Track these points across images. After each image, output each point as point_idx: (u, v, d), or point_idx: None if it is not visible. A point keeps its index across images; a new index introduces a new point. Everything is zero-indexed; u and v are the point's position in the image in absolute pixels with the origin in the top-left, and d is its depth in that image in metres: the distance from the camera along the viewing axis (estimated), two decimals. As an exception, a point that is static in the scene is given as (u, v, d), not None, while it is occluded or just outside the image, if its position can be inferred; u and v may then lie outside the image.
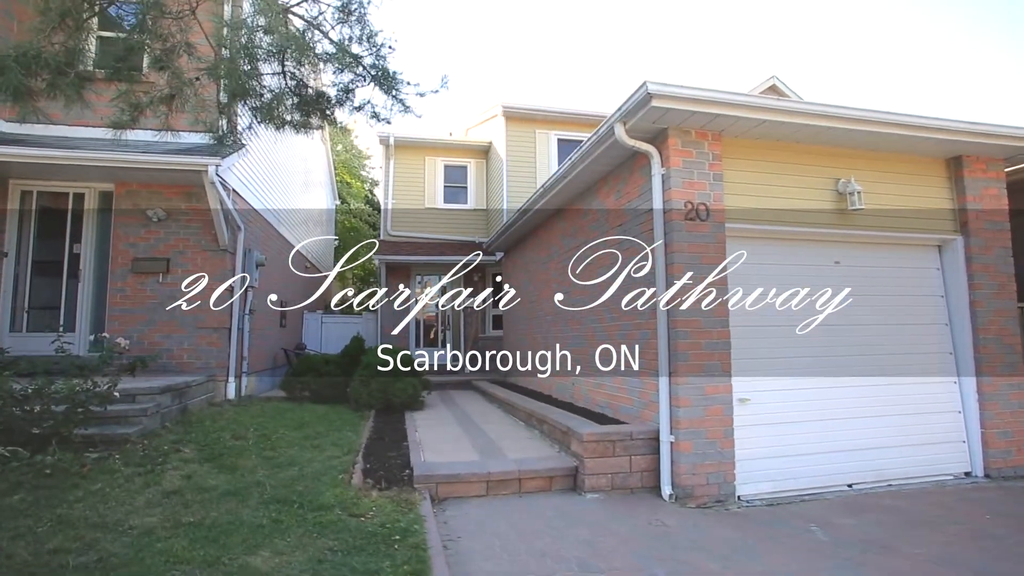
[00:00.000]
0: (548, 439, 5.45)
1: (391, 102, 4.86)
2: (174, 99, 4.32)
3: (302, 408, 7.48)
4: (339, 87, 4.77)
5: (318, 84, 5.22)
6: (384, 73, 4.51)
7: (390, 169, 13.34)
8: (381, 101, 5.05)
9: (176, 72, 4.11)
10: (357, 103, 4.85)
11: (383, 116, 5.05)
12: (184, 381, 5.93)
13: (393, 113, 4.91)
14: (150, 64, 4.12)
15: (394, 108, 4.91)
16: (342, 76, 4.67)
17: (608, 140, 4.82)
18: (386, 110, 4.94)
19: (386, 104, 4.84)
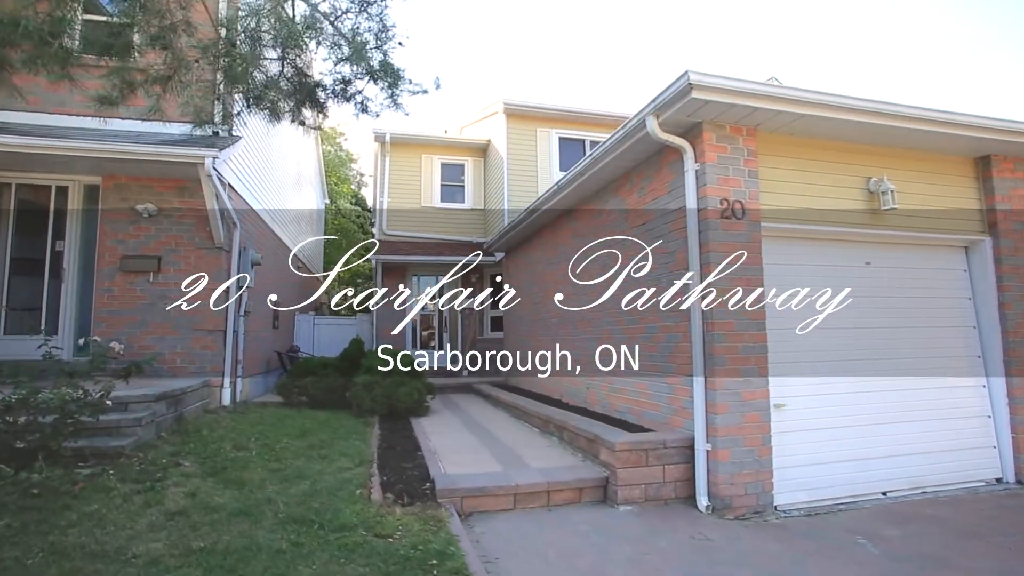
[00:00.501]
0: (569, 447, 5.21)
1: (383, 96, 4.61)
2: (170, 80, 3.96)
3: (302, 414, 7.13)
4: (337, 78, 4.48)
5: (314, 74, 4.94)
6: (389, 69, 4.23)
7: (385, 167, 12.98)
8: (372, 94, 4.82)
9: (176, 52, 3.76)
10: (348, 94, 4.57)
11: (373, 111, 4.82)
12: (179, 387, 5.55)
13: (382, 108, 4.67)
14: (147, 43, 3.76)
15: (385, 104, 4.66)
16: (342, 68, 4.39)
17: (638, 134, 4.60)
18: (376, 105, 4.71)
19: (377, 98, 4.60)
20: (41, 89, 6.49)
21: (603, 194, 6.22)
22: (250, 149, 8.04)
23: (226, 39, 4.33)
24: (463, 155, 13.49)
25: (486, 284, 13.04)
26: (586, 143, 11.90)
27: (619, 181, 5.81)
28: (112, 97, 3.90)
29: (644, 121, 4.40)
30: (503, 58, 52.08)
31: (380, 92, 4.40)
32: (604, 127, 11.94)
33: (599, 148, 5.26)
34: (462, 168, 13.62)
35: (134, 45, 3.75)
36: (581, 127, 11.81)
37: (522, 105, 11.30)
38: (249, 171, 8.14)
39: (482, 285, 13.07)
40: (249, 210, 8.09)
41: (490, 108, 12.33)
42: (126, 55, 3.81)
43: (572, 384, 7.06)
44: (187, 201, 6.71)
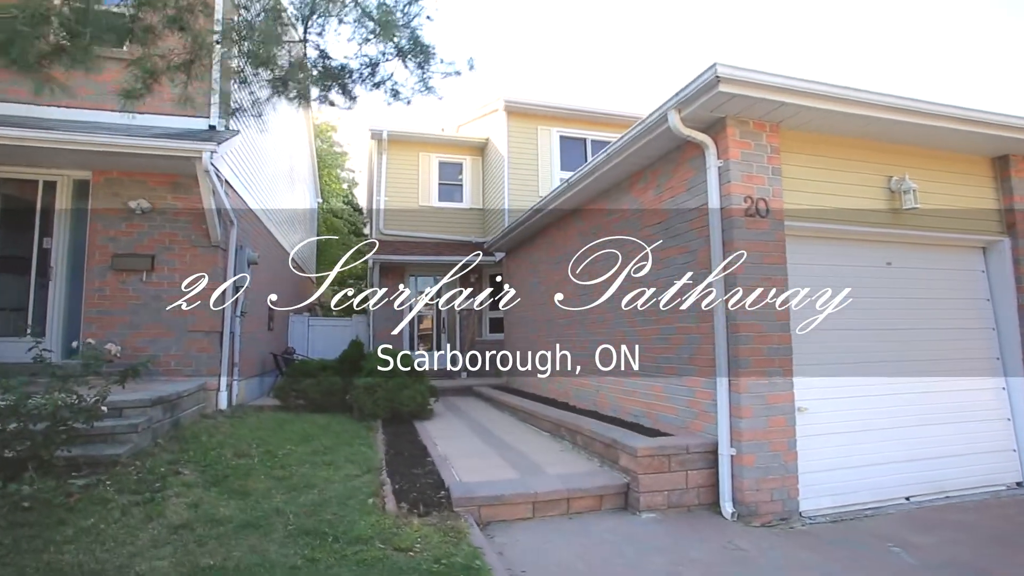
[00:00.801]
0: (584, 452, 5.06)
1: (414, 80, 4.40)
2: (192, 65, 3.73)
3: (301, 419, 6.89)
4: (363, 61, 4.27)
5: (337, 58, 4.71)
6: (419, 46, 4.02)
7: (382, 165, 12.75)
8: (402, 78, 4.59)
9: (195, 33, 3.54)
10: (377, 79, 4.36)
11: (404, 96, 4.58)
12: (176, 391, 5.31)
13: (414, 93, 4.45)
14: (165, 23, 3.53)
15: (416, 88, 4.45)
16: (368, 49, 4.17)
17: (658, 129, 4.47)
18: (408, 89, 4.48)
19: (407, 83, 4.38)
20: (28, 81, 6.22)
21: (614, 192, 6.08)
22: (245, 144, 7.80)
23: (244, 21, 4.10)
24: (461, 154, 13.30)
25: (485, 285, 12.87)
26: (587, 142, 11.79)
27: (632, 179, 5.68)
28: (136, 90, 3.65)
29: (666, 116, 4.27)
30: (498, 57, 51.90)
31: (410, 76, 4.18)
32: (605, 126, 11.84)
33: (616, 144, 5.12)
34: (460, 167, 13.43)
35: (154, 29, 3.49)
36: (582, 126, 11.69)
37: (523, 103, 11.15)
38: (245, 167, 7.90)
39: (481, 286, 12.90)
40: (245, 208, 7.84)
41: (490, 106, 12.16)
42: (147, 41, 3.55)
43: (580, 386, 6.91)
44: (182, 197, 6.46)
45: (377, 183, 12.69)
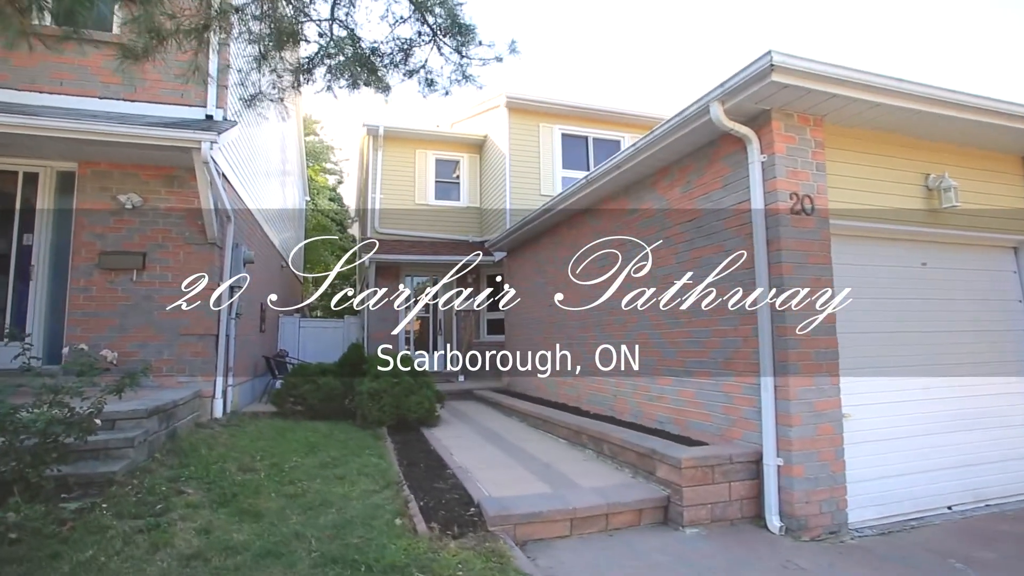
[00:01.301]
0: (611, 461, 4.81)
1: (450, 69, 4.09)
2: (206, 32, 3.37)
3: (301, 426, 6.52)
4: (396, 45, 3.93)
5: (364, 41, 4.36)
6: (456, 25, 3.71)
7: (378, 162, 12.37)
8: (438, 65, 4.27)
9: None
10: (411, 65, 4.03)
11: (440, 86, 4.26)
12: (171, 400, 4.91)
13: (451, 83, 4.14)
14: None
15: (453, 78, 4.14)
16: (400, 29, 3.85)
17: (697, 122, 4.25)
18: (444, 79, 4.16)
19: (443, 71, 4.07)
20: (10, 65, 5.76)
21: (635, 190, 5.86)
22: (240, 137, 7.39)
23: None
24: (458, 151, 12.98)
25: (483, 285, 12.57)
26: (589, 140, 11.58)
27: (657, 175, 5.45)
28: (136, 49, 3.24)
29: (707, 108, 4.04)
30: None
31: (446, 64, 3.86)
32: (607, 124, 11.65)
33: (646, 138, 4.88)
34: (457, 164, 13.11)
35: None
36: (584, 124, 11.47)
37: (525, 99, 10.89)
38: (240, 161, 7.48)
39: (479, 286, 12.59)
40: (241, 203, 7.43)
41: (489, 102, 11.87)
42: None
43: (595, 391, 6.67)
44: (177, 192, 6.04)
45: (372, 180, 12.31)
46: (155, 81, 6.18)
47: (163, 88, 6.21)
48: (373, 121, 12.07)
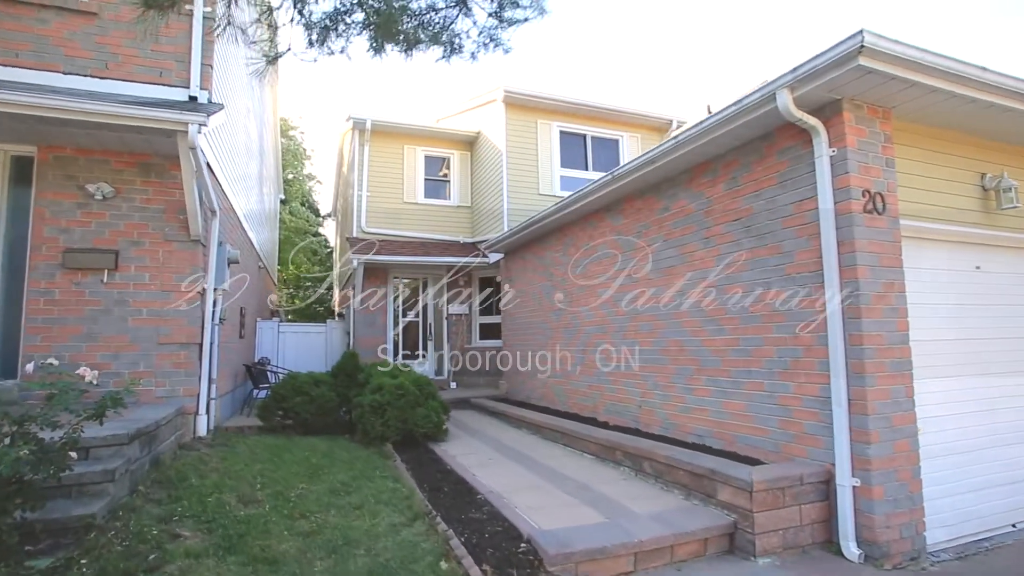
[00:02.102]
0: (656, 481, 4.41)
1: (476, 32, 3.60)
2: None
3: (295, 444, 5.90)
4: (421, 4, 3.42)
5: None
6: None
7: (364, 158, 11.70)
8: (466, 27, 3.77)
9: None
10: (435, 30, 3.53)
11: (466, 49, 3.77)
12: (154, 420, 4.24)
13: (479, 47, 3.66)
14: None
15: (481, 42, 3.66)
16: None
17: (757, 112, 3.90)
18: (471, 42, 3.68)
19: (470, 34, 3.57)
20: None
21: (666, 187, 5.50)
22: (223, 125, 6.69)
23: None
24: (448, 148, 12.44)
25: (476, 288, 12.06)
26: (587, 138, 11.24)
27: (694, 171, 5.11)
28: None
29: (773, 96, 3.70)
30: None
31: (473, 28, 3.37)
32: (606, 122, 11.34)
33: (690, 131, 4.52)
34: (447, 162, 12.57)
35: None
36: (583, 121, 11.12)
37: (524, 94, 10.45)
38: (223, 151, 6.78)
39: (471, 289, 12.08)
40: (223, 197, 6.73)
41: (483, 97, 11.39)
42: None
43: (614, 400, 6.28)
44: (155, 182, 5.35)
45: (359, 177, 11.64)
46: (129, 56, 5.47)
47: (139, 64, 5.50)
48: (360, 114, 11.41)
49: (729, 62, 48.90)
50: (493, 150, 11.16)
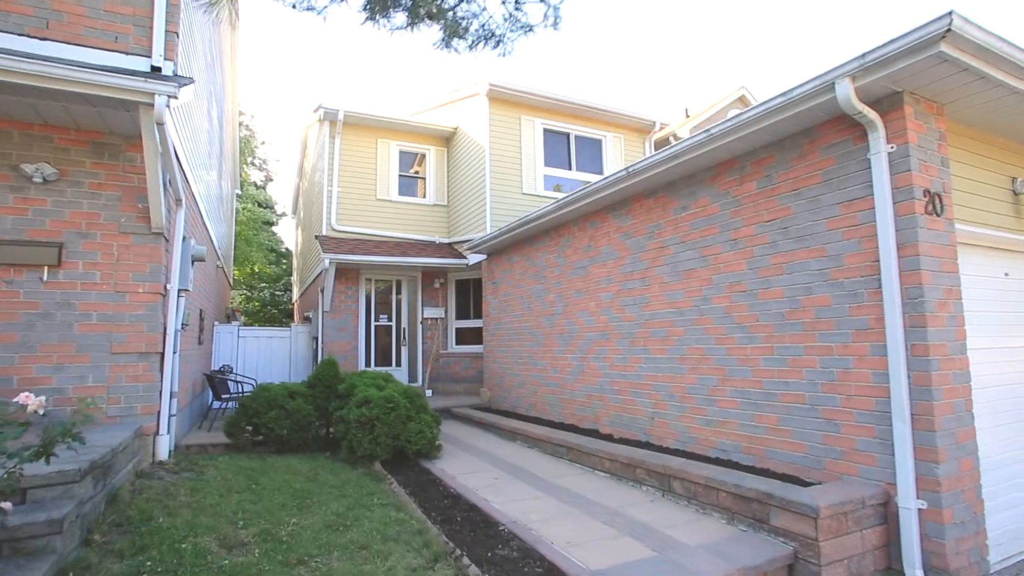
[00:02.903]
0: (690, 504, 4.05)
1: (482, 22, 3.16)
2: None
3: (271, 465, 5.21)
4: None
5: None
6: None
7: (335, 151, 10.93)
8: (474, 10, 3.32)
9: None
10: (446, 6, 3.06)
11: (470, 37, 3.33)
12: (109, 448, 3.52)
13: (480, 42, 3.22)
14: None
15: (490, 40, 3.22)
16: None
17: (810, 103, 3.62)
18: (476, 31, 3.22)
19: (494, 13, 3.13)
20: None
21: (683, 185, 5.19)
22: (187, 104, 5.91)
23: None
24: (425, 143, 11.84)
25: (452, 291, 11.50)
26: (571, 137, 10.91)
27: (718, 170, 4.82)
28: None
29: (832, 86, 3.42)
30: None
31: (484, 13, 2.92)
32: (589, 121, 11.06)
33: (733, 121, 4.19)
34: (423, 158, 11.96)
35: None
36: (566, 119, 10.79)
37: (508, 89, 10.00)
38: (186, 133, 5.98)
39: (446, 292, 11.51)
40: (187, 187, 5.94)
41: (464, 90, 10.87)
42: None
43: (619, 411, 5.92)
44: (108, 165, 4.58)
45: (329, 172, 10.85)
46: (77, 16, 4.66)
47: (88, 26, 4.70)
48: (331, 103, 10.64)
49: (702, 69, 50.26)
50: (474, 147, 10.66)
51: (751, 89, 13.25)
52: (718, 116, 13.20)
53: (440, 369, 11.20)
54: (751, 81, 16.24)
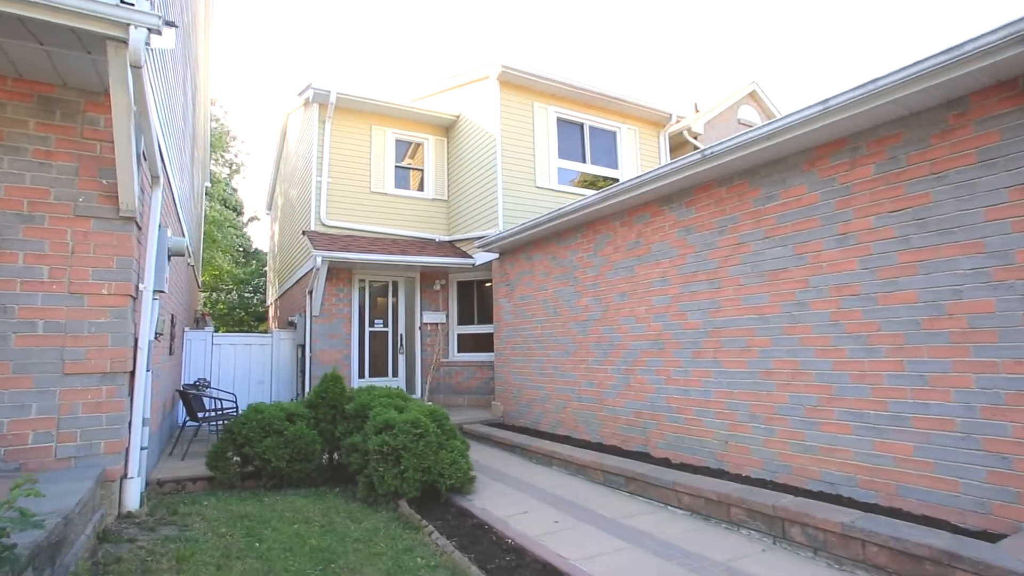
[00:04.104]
0: (818, 556, 3.27)
1: None
2: None
3: (272, 509, 4.21)
4: None
5: None
6: None
7: (326, 137, 9.85)
8: None
9: None
10: None
11: None
12: (61, 514, 2.49)
13: None
14: None
15: None
16: None
17: (975, 64, 2.90)
18: None
19: None
20: None
21: (768, 172, 4.46)
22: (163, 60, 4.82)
23: None
24: (424, 132, 10.86)
25: (453, 294, 10.56)
26: (585, 128, 10.14)
27: (815, 152, 4.09)
28: None
29: (1021, 39, 2.71)
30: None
31: None
32: (605, 111, 10.33)
33: (842, 97, 3.45)
34: (421, 148, 10.98)
35: None
36: (581, 108, 10.01)
37: (521, 72, 9.13)
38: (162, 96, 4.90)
39: (447, 294, 10.56)
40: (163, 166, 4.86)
41: (471, 74, 9.96)
42: None
43: (680, 431, 5.14)
44: (61, 127, 3.51)
45: (318, 161, 9.76)
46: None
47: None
48: (323, 85, 9.56)
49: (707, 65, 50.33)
50: (481, 136, 9.76)
51: (763, 85, 12.80)
52: (729, 112, 12.70)
53: (440, 380, 10.23)
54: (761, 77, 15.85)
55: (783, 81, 46.37)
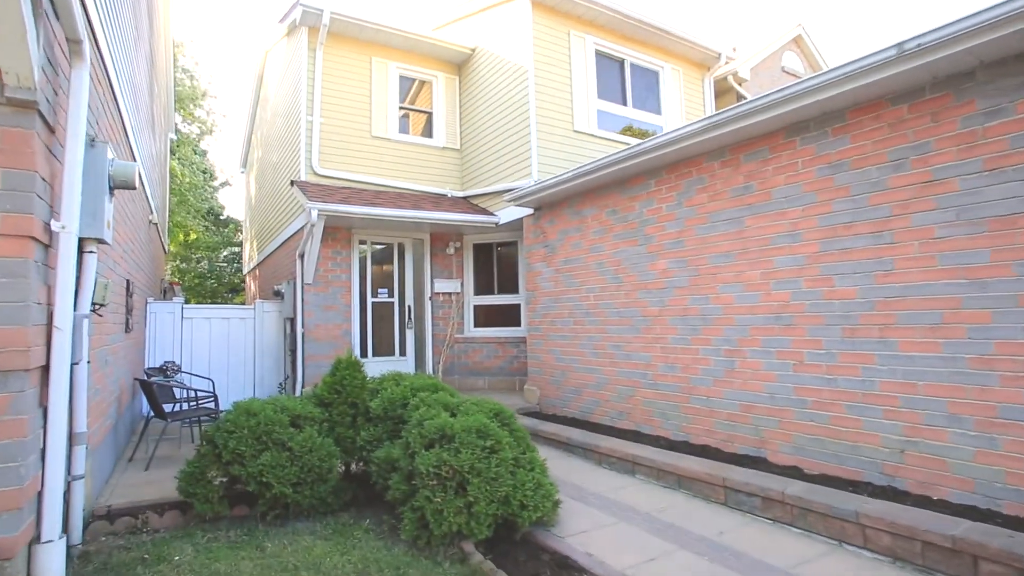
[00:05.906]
0: None
1: None
2: None
3: (274, 562, 2.81)
4: None
5: None
6: None
7: (316, 67, 8.10)
8: None
9: None
10: None
11: None
12: None
13: None
14: None
15: None
16: None
17: None
18: None
19: None
20: None
21: (990, 75, 3.10)
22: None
23: None
24: (433, 67, 9.17)
25: (469, 258, 9.10)
26: (625, 64, 8.59)
27: None
28: None
29: None
30: None
31: None
32: (647, 46, 8.81)
33: None
34: (428, 86, 9.31)
35: None
36: (621, 40, 8.44)
37: (558, -10, 7.52)
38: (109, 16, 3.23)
39: (463, 260, 9.10)
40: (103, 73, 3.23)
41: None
42: None
43: (820, 435, 3.89)
44: None
45: (308, 97, 8.04)
46: None
47: None
48: (314, 3, 7.76)
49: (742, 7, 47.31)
50: (507, 71, 8.15)
51: (808, 29, 11.38)
52: (772, 59, 11.29)
53: (454, 359, 8.84)
54: (807, 21, 14.09)
55: (823, 30, 43.58)
